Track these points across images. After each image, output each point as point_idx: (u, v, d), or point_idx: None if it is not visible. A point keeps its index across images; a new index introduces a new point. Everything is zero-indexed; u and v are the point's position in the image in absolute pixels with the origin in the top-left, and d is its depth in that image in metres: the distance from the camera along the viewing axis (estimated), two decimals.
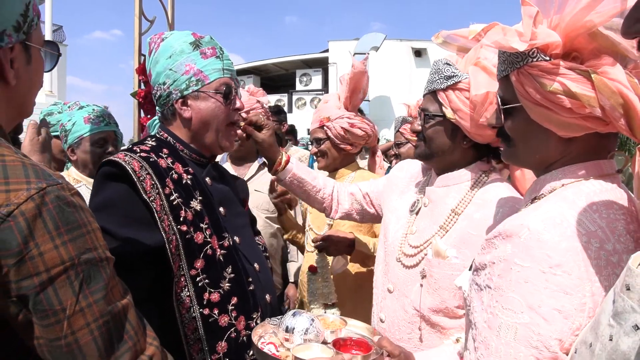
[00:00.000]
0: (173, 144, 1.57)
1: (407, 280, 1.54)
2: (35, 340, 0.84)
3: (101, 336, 0.86)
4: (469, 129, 1.44)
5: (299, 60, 13.38)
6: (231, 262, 1.48)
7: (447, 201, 1.52)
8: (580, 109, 0.90)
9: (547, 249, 0.85)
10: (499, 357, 0.87)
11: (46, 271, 0.81)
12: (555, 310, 0.83)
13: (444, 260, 1.42)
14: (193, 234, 1.41)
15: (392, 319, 1.57)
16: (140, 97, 2.79)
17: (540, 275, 0.85)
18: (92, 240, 0.87)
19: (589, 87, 0.89)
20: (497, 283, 0.90)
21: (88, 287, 0.85)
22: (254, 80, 13.06)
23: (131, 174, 1.36)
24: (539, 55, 0.93)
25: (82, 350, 0.84)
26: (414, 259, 1.53)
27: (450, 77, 1.44)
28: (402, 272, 1.56)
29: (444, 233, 1.48)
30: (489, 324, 0.90)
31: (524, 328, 0.85)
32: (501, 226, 0.94)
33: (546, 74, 0.92)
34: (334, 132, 2.34)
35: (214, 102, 1.54)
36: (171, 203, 1.40)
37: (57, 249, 0.82)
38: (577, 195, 0.93)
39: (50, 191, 0.83)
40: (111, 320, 0.87)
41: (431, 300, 1.45)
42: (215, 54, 1.55)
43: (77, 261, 0.84)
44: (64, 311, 0.82)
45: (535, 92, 0.94)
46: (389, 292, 1.60)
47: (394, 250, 1.61)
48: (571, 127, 0.94)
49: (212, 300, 1.41)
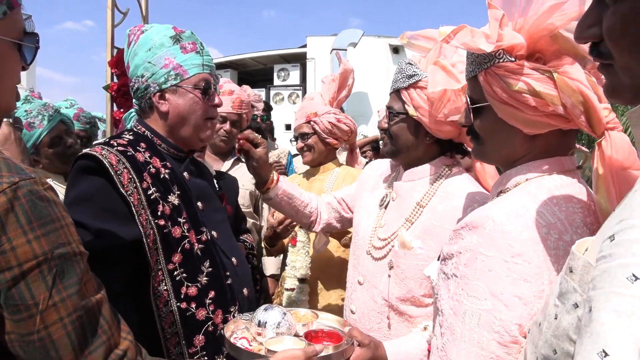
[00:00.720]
0: (151, 138, 1.56)
1: (376, 272, 1.59)
2: (7, 336, 0.83)
3: (74, 331, 0.85)
4: (429, 125, 1.50)
5: (276, 55, 13.31)
6: (209, 257, 1.48)
7: (413, 195, 1.58)
8: (544, 107, 0.96)
9: (510, 239, 0.90)
10: (463, 341, 0.92)
11: (18, 266, 0.80)
12: (516, 297, 0.88)
13: (409, 251, 1.47)
14: (171, 228, 1.41)
15: (362, 310, 1.62)
16: (113, 90, 2.74)
17: (502, 264, 0.89)
18: (65, 235, 0.87)
19: (552, 86, 0.95)
20: (463, 272, 0.94)
21: (61, 282, 0.85)
22: (231, 74, 12.94)
23: (108, 168, 1.35)
24: (504, 56, 0.98)
25: (55, 344, 0.83)
26: (382, 251, 1.58)
27: (412, 76, 1.51)
28: (371, 264, 1.62)
29: (410, 225, 1.54)
30: (455, 310, 0.95)
31: (487, 314, 0.89)
32: (468, 218, 0.99)
33: (512, 74, 0.97)
34: (322, 127, 2.42)
35: (192, 98, 1.53)
36: (149, 197, 1.39)
37: (30, 243, 0.81)
38: (539, 189, 0.98)
39: (23, 185, 0.82)
40: (85, 314, 0.87)
41: (398, 290, 1.50)
42: (195, 49, 1.55)
43: (50, 256, 0.83)
44: (37, 306, 0.82)
45: (501, 92, 0.99)
46: (359, 284, 1.65)
47: (364, 244, 1.67)
48: (536, 124, 1.00)
49: (189, 294, 1.41)
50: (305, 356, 1.13)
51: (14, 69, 1.00)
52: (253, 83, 13.71)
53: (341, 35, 11.19)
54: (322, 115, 2.41)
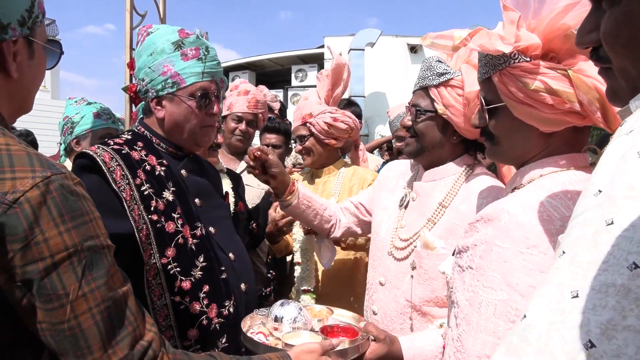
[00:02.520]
0: (149, 138, 1.59)
1: (398, 272, 1.58)
2: (38, 325, 0.86)
3: (102, 321, 0.88)
4: (460, 124, 1.49)
5: (294, 56, 13.35)
6: (203, 251, 1.50)
7: (434, 195, 1.57)
8: (561, 105, 0.97)
9: (525, 230, 0.92)
10: (479, 331, 0.93)
11: (50, 256, 0.83)
12: (532, 287, 0.89)
13: (432, 251, 1.46)
14: (164, 223, 1.45)
15: (384, 310, 1.61)
16: (131, 91, 2.79)
17: (518, 255, 0.91)
18: (94, 228, 0.90)
19: (568, 84, 0.96)
20: (479, 263, 0.96)
21: (90, 273, 0.88)
22: (249, 75, 13.02)
23: (101, 165, 1.41)
24: (520, 57, 1.00)
25: (84, 333, 0.86)
26: (404, 252, 1.57)
27: (443, 74, 1.49)
28: (393, 265, 1.60)
29: (432, 225, 1.53)
30: (470, 301, 0.96)
31: (503, 304, 0.91)
32: (483, 211, 1.01)
33: (528, 74, 0.99)
34: (318, 128, 2.31)
35: (187, 108, 1.55)
36: (142, 193, 1.44)
37: (61, 235, 0.84)
38: (554, 184, 0.99)
39: (55, 179, 0.85)
40: (112, 305, 0.90)
41: (422, 291, 1.49)
42: (197, 55, 1.55)
43: (80, 247, 0.86)
44: (67, 296, 0.85)
45: (518, 91, 1.01)
46: (381, 285, 1.64)
47: (385, 245, 1.65)
48: (552, 122, 1.01)
49: (183, 288, 1.44)
50: (322, 349, 1.15)
51: (44, 72, 1.06)
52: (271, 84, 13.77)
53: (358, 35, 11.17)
54: (318, 116, 2.30)
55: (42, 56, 1.03)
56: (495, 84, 1.05)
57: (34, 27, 0.96)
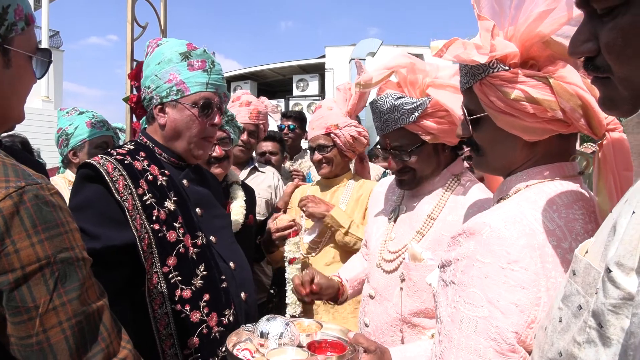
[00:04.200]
0: (152, 148, 1.62)
1: (387, 285, 1.58)
2: (7, 338, 0.84)
3: (73, 336, 0.85)
4: (450, 140, 1.52)
5: (295, 66, 13.40)
6: (204, 260, 1.52)
7: (423, 207, 1.58)
8: (543, 113, 0.95)
9: (506, 245, 0.89)
10: (460, 349, 0.90)
11: (21, 268, 0.81)
12: (512, 304, 0.86)
13: (420, 263, 1.46)
14: (166, 233, 1.47)
15: (375, 323, 1.61)
16: (132, 102, 2.80)
17: (499, 270, 0.88)
18: (69, 240, 0.88)
19: (549, 92, 0.94)
20: (460, 279, 0.93)
21: (62, 286, 0.85)
22: (250, 85, 13.08)
23: (104, 175, 1.43)
24: (498, 65, 0.98)
25: (53, 349, 0.84)
26: (393, 264, 1.58)
27: (415, 109, 1.48)
28: (382, 277, 1.61)
29: (421, 237, 1.54)
30: (452, 317, 0.94)
31: (484, 321, 0.88)
32: (465, 225, 0.98)
33: (507, 83, 0.96)
34: (343, 140, 2.32)
35: (189, 115, 1.57)
36: (144, 203, 1.46)
37: (34, 246, 0.82)
38: (539, 195, 0.97)
39: (29, 190, 0.84)
40: (84, 320, 0.88)
41: (411, 303, 1.49)
42: (203, 67, 1.58)
43: (53, 260, 0.84)
44: (37, 309, 0.83)
45: (498, 101, 0.98)
46: (371, 297, 1.65)
47: (374, 257, 1.66)
48: (536, 131, 0.99)
49: (183, 297, 1.45)
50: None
51: (29, 81, 1.04)
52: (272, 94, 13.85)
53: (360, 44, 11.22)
54: (344, 128, 2.31)
55: (24, 66, 1.00)
56: (476, 93, 1.04)
57: (9, 35, 0.94)
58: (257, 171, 3.11)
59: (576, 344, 0.63)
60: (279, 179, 3.24)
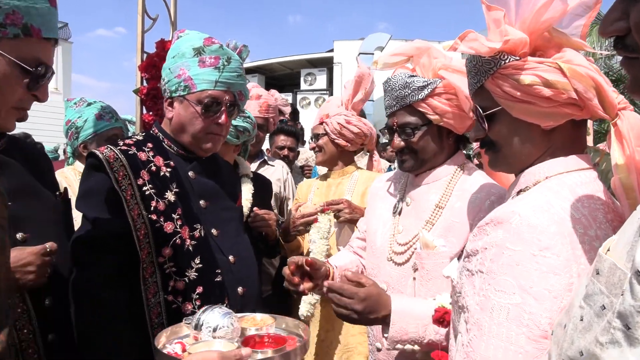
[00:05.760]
0: (161, 139, 1.65)
1: (400, 277, 1.59)
2: None
3: None
4: (457, 125, 1.53)
5: (303, 60, 13.38)
6: (200, 253, 1.53)
7: (429, 197, 1.59)
8: (558, 96, 0.98)
9: (537, 232, 0.89)
10: (491, 336, 0.91)
11: None
12: (546, 290, 0.87)
13: (432, 250, 1.47)
14: (163, 224, 1.49)
15: None
16: (142, 94, 2.81)
17: (531, 257, 0.89)
18: None
19: (561, 75, 0.98)
20: (489, 267, 0.93)
21: None
22: (258, 79, 13.06)
23: (105, 165, 1.47)
24: (508, 57, 1.02)
25: None
26: (404, 256, 1.58)
27: (425, 87, 1.50)
28: (394, 270, 1.61)
29: (431, 227, 1.55)
30: (482, 306, 0.94)
31: (516, 308, 0.89)
32: (492, 214, 0.98)
33: (520, 71, 1.00)
34: (331, 127, 2.40)
35: (192, 112, 1.58)
36: (143, 193, 1.49)
37: None
38: (560, 186, 0.99)
39: None
40: None
41: (425, 292, 1.49)
42: (215, 64, 1.57)
43: None
44: None
45: (514, 90, 1.01)
46: None
47: (383, 252, 1.66)
48: (552, 115, 1.01)
49: (176, 288, 1.48)
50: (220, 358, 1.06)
51: (14, 89, 1.06)
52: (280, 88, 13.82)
53: (368, 39, 11.19)
54: (333, 117, 2.40)
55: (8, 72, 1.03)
56: (489, 89, 1.06)
57: None
58: (267, 164, 3.12)
59: (599, 344, 0.62)
60: (288, 173, 3.24)
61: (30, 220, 1.44)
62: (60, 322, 1.45)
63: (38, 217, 1.47)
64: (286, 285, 1.63)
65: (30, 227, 1.42)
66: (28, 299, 1.37)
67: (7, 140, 1.47)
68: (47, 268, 1.37)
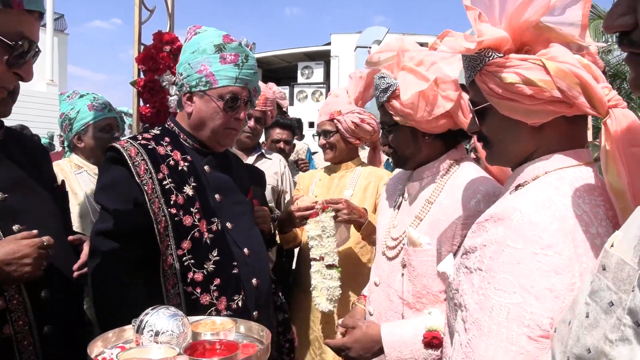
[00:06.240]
0: (177, 133, 1.68)
1: (390, 271, 1.61)
2: None
3: None
4: (421, 126, 1.52)
5: (300, 53, 13.34)
6: (217, 246, 1.58)
7: (422, 193, 1.60)
8: (540, 94, 0.97)
9: (539, 230, 0.88)
10: (491, 336, 0.89)
11: None
12: (547, 289, 0.85)
13: (418, 247, 1.48)
14: (182, 217, 1.54)
15: (379, 310, 1.63)
16: (139, 86, 2.79)
17: (532, 256, 0.87)
18: None
19: (544, 73, 0.96)
20: (489, 265, 0.92)
21: None
22: None
23: (127, 159, 1.51)
24: (493, 54, 1.01)
25: None
26: (394, 251, 1.61)
27: (387, 89, 1.53)
28: (386, 264, 1.63)
29: (419, 222, 1.55)
30: (481, 305, 0.92)
31: (517, 307, 0.87)
32: (492, 209, 0.97)
33: (502, 69, 1.00)
34: (344, 126, 2.37)
35: (214, 107, 1.62)
36: (163, 187, 1.53)
37: None
38: (560, 181, 0.97)
39: None
40: None
41: (413, 288, 1.50)
42: (235, 61, 1.62)
43: None
44: None
45: (497, 87, 1.01)
46: (376, 285, 1.67)
47: (380, 245, 1.69)
48: (537, 113, 1.00)
49: (195, 280, 1.53)
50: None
51: None
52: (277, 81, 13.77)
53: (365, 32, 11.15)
54: (346, 115, 2.36)
55: None
56: (478, 84, 1.06)
57: None
58: (264, 157, 3.12)
59: (608, 341, 0.61)
60: (286, 166, 3.24)
61: (27, 213, 1.43)
62: (57, 315, 1.46)
63: (35, 209, 1.47)
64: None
65: (27, 219, 1.41)
66: (24, 291, 1.37)
67: (5, 132, 1.46)
68: (43, 261, 1.36)
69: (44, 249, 1.36)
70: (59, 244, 1.46)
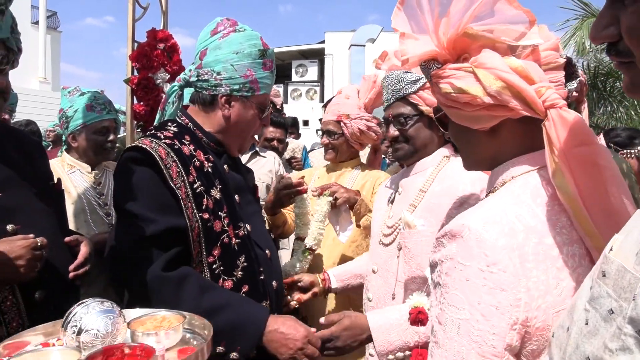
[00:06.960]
0: (193, 131, 1.59)
1: (387, 257, 1.75)
2: None
3: None
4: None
5: (294, 51, 13.31)
6: (244, 251, 1.52)
7: (416, 185, 1.71)
8: (474, 101, 0.98)
9: (485, 247, 0.89)
10: (445, 349, 0.91)
11: None
12: (492, 306, 0.87)
13: (414, 229, 1.59)
14: (213, 222, 1.46)
15: (377, 295, 1.76)
16: (133, 83, 2.78)
17: (479, 273, 0.88)
18: None
19: (474, 80, 0.97)
20: (445, 280, 0.94)
21: None
22: None
23: (158, 161, 1.40)
24: (433, 65, 1.04)
25: None
26: (390, 237, 1.75)
27: (417, 80, 1.67)
28: (383, 251, 1.77)
29: (413, 209, 1.69)
30: (439, 318, 0.94)
31: (466, 324, 0.89)
32: (448, 226, 0.98)
33: (440, 79, 1.02)
34: (350, 131, 2.39)
35: (253, 114, 1.60)
36: (194, 191, 1.44)
37: None
38: (523, 188, 0.98)
39: None
40: None
41: (409, 269, 1.63)
42: (271, 68, 1.61)
43: None
44: None
45: (440, 97, 1.05)
46: (374, 272, 1.78)
47: (376, 237, 1.84)
48: (481, 119, 1.01)
49: (225, 288, 1.47)
50: None
51: None
52: None
53: (360, 30, 11.15)
54: (354, 120, 2.37)
55: None
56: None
57: None
58: (258, 155, 3.12)
59: (608, 350, 0.60)
60: (280, 164, 3.25)
61: (22, 211, 1.42)
62: (51, 316, 1.45)
63: (30, 207, 1.45)
64: None
65: (21, 219, 1.40)
66: (18, 292, 1.36)
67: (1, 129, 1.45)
68: (37, 262, 1.36)
69: (38, 249, 1.35)
70: (54, 243, 1.45)
